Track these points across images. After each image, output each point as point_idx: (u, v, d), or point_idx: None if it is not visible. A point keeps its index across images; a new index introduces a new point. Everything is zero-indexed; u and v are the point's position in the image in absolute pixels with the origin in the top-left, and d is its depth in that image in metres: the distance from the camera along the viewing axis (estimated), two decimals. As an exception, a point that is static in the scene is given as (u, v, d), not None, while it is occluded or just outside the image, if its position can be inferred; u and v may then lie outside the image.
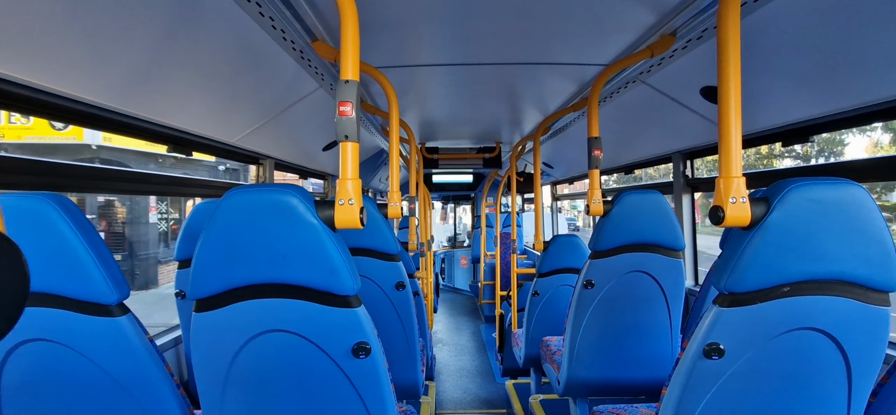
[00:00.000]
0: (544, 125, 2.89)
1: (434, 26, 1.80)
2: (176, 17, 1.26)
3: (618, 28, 1.78)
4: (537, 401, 3.09)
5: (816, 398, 1.11)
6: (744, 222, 1.01)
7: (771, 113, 1.84)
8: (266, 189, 1.03)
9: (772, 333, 1.06)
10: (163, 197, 12.88)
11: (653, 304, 2.00)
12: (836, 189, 0.99)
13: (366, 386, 1.14)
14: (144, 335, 1.12)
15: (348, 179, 1.06)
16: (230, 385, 1.12)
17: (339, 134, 1.05)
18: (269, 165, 2.78)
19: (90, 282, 1.03)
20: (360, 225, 1.06)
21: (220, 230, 1.03)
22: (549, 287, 3.03)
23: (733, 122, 1.05)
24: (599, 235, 1.94)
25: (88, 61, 1.20)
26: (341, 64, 1.06)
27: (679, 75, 1.95)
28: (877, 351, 1.07)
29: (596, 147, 1.90)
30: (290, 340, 1.09)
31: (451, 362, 5.03)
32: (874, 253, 1.00)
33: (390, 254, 2.05)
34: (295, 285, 1.06)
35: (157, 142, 1.89)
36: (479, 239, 7.15)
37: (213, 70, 1.58)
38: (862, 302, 1.03)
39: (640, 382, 2.10)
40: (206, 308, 1.07)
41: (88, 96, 1.33)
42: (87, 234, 1.03)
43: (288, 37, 1.65)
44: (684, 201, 2.79)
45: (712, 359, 1.08)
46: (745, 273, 1.02)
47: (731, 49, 1.05)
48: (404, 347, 2.14)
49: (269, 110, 2.13)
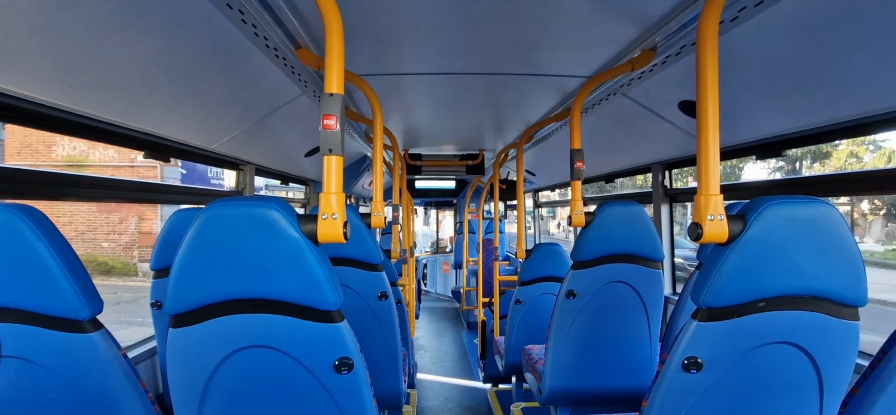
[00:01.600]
0: (527, 134, 2.91)
1: (419, 35, 1.80)
2: (152, 18, 1.23)
3: (600, 42, 1.81)
4: (519, 409, 3.10)
5: (790, 410, 1.14)
6: (721, 239, 1.04)
7: (746, 127, 1.89)
8: (248, 202, 1.01)
9: (748, 346, 1.09)
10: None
11: (632, 314, 2.03)
12: (809, 208, 1.02)
13: (348, 402, 1.12)
14: (118, 351, 1.08)
15: (332, 194, 1.04)
16: (208, 402, 1.09)
17: (322, 147, 1.04)
18: (249, 170, 2.73)
19: (60, 296, 0.99)
20: (344, 239, 1.05)
21: (199, 243, 1.00)
22: (531, 295, 3.05)
23: (712, 140, 1.07)
24: (581, 245, 1.96)
25: (61, 65, 1.16)
26: (326, 77, 1.04)
27: (658, 89, 1.99)
28: (847, 364, 1.10)
29: (578, 159, 1.93)
30: (271, 356, 1.07)
31: (432, 369, 5.00)
32: (845, 269, 1.04)
33: (374, 264, 2.03)
34: (276, 300, 1.04)
35: (134, 148, 1.84)
36: (462, 245, 7.16)
37: (191, 74, 1.54)
38: (834, 317, 1.06)
39: (621, 390, 2.12)
40: (183, 323, 1.04)
41: (60, 102, 1.28)
42: (57, 246, 0.99)
43: (271, 43, 1.62)
44: (663, 211, 2.84)
45: (691, 372, 1.10)
46: (723, 288, 1.04)
47: (709, 69, 1.08)
48: (386, 357, 2.12)
49: (251, 116, 2.10)
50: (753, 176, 13.89)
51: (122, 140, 1.74)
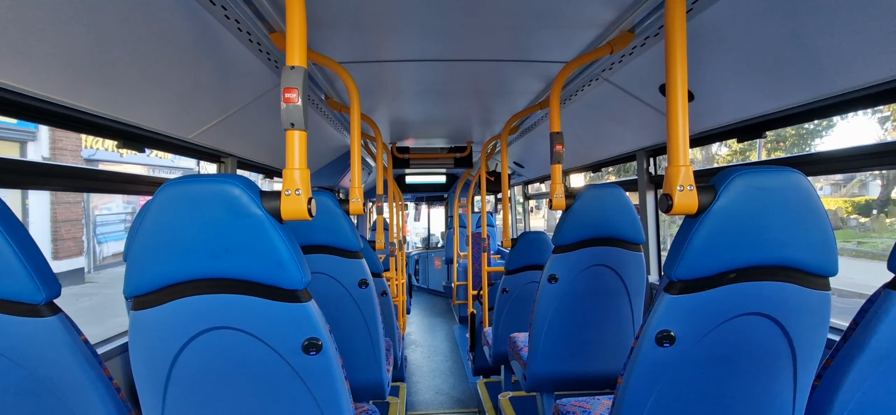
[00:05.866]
0: (510, 124, 2.90)
1: (399, 21, 1.78)
2: (121, 1, 1.20)
3: (580, 24, 1.81)
4: (506, 398, 3.10)
5: (763, 382, 1.14)
6: (691, 210, 1.03)
7: (725, 110, 1.89)
8: (207, 179, 0.98)
9: (720, 318, 1.08)
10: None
11: (615, 297, 2.02)
12: (778, 176, 1.02)
13: (318, 384, 1.10)
14: (79, 337, 1.05)
15: (295, 169, 1.02)
16: (172, 387, 1.06)
17: (285, 121, 1.01)
18: (230, 162, 2.69)
19: (14, 279, 0.95)
20: (309, 216, 1.02)
21: (157, 222, 0.98)
22: (518, 284, 3.04)
23: (680, 112, 1.06)
24: (562, 229, 1.95)
25: (26, 51, 1.12)
26: (287, 49, 1.02)
27: (639, 73, 1.99)
28: (819, 335, 1.10)
29: (558, 142, 1.92)
30: (236, 337, 1.04)
31: (423, 363, 4.99)
32: (815, 239, 1.03)
33: (353, 251, 2.01)
34: (239, 280, 1.01)
35: (107, 137, 1.80)
36: (452, 240, 7.14)
37: (164, 60, 1.51)
38: (804, 287, 1.06)
39: (604, 374, 2.12)
40: (143, 306, 1.01)
41: (27, 87, 1.25)
42: (9, 226, 0.96)
43: (243, 27, 1.60)
44: (648, 198, 2.84)
45: (664, 347, 1.09)
46: (694, 261, 1.03)
47: (677, 37, 1.07)
48: (368, 345, 2.10)
49: (230, 105, 2.06)
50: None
51: (94, 129, 1.70)
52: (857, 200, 12.16)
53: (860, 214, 11.81)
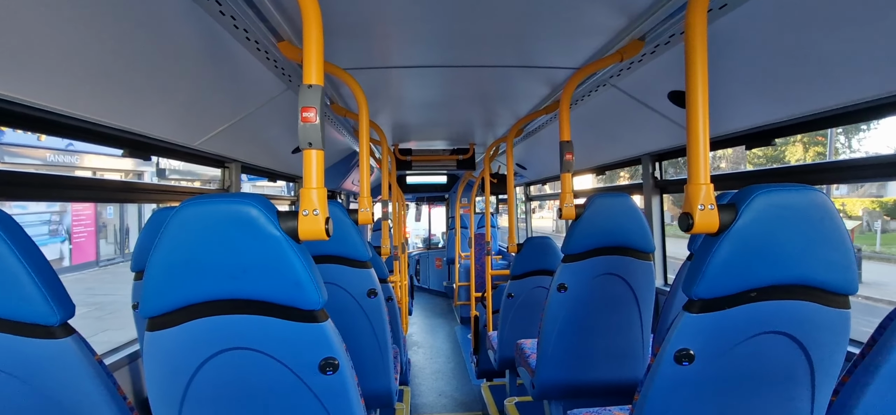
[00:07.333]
0: (517, 127, 2.89)
1: (405, 28, 1.77)
2: (129, 13, 1.18)
3: (588, 32, 1.79)
4: (512, 403, 3.09)
5: (782, 400, 1.13)
6: (712, 229, 1.02)
7: (735, 116, 1.88)
8: (225, 199, 0.97)
9: (740, 337, 1.07)
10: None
11: (624, 306, 2.02)
12: (800, 195, 1.01)
13: (334, 402, 1.09)
14: (93, 357, 1.04)
15: (313, 189, 1.01)
16: (188, 407, 1.05)
17: (302, 141, 1.00)
18: (235, 168, 2.67)
19: (29, 301, 0.94)
20: (326, 236, 1.01)
21: (174, 242, 0.96)
22: (523, 289, 3.03)
23: (701, 129, 1.05)
24: (571, 238, 1.94)
25: (37, 62, 1.11)
26: (304, 67, 1.01)
27: (648, 79, 1.97)
28: (838, 352, 1.09)
29: (567, 151, 1.91)
30: (253, 358, 1.03)
31: (426, 365, 4.99)
32: (836, 258, 1.03)
33: (361, 261, 2.00)
34: (257, 300, 1.00)
35: (113, 146, 1.78)
36: (454, 240, 7.13)
37: (172, 69, 1.50)
38: (825, 305, 1.05)
39: (613, 383, 2.12)
40: (160, 326, 1.00)
41: (37, 100, 1.23)
42: (24, 248, 0.95)
43: (251, 36, 1.58)
44: (654, 203, 2.84)
45: (683, 365, 1.08)
46: (714, 280, 1.03)
47: (698, 57, 1.06)
48: (377, 355, 2.09)
49: (235, 112, 2.05)
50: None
51: (101, 138, 1.68)
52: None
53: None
